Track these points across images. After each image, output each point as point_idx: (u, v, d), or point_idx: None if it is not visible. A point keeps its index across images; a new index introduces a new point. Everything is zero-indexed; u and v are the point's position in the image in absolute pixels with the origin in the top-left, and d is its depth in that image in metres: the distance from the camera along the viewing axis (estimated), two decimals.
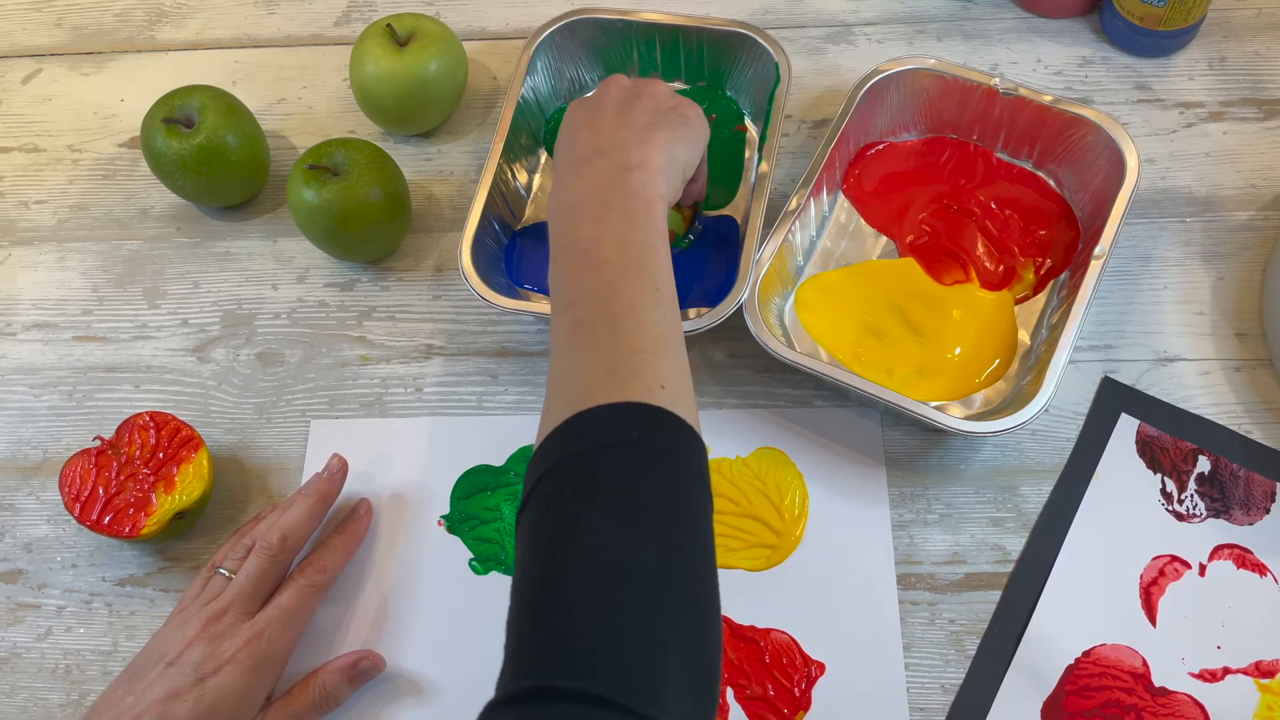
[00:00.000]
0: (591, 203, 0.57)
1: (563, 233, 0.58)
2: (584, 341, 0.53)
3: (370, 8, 0.86)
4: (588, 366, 0.52)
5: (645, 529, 0.48)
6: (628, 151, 0.59)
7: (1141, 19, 0.77)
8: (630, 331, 0.52)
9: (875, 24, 0.83)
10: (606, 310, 0.53)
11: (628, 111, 0.61)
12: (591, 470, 0.49)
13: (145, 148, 0.74)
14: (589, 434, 0.50)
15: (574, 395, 0.51)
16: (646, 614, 0.46)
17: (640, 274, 0.55)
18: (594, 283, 0.54)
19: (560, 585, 0.46)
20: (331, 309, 0.75)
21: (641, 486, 0.49)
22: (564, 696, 0.43)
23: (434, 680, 0.64)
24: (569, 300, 0.55)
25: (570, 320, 0.54)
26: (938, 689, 0.62)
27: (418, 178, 0.79)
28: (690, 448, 0.51)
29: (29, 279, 0.77)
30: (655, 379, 0.51)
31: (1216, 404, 0.69)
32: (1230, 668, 0.62)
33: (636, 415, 0.50)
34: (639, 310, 0.53)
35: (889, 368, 0.69)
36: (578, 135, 0.61)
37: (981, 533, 0.66)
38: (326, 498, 0.65)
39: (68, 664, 0.66)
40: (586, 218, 0.57)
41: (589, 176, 0.58)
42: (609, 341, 0.52)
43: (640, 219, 0.56)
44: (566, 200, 0.59)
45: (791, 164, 0.77)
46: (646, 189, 0.58)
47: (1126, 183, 0.68)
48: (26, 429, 0.72)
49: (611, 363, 0.52)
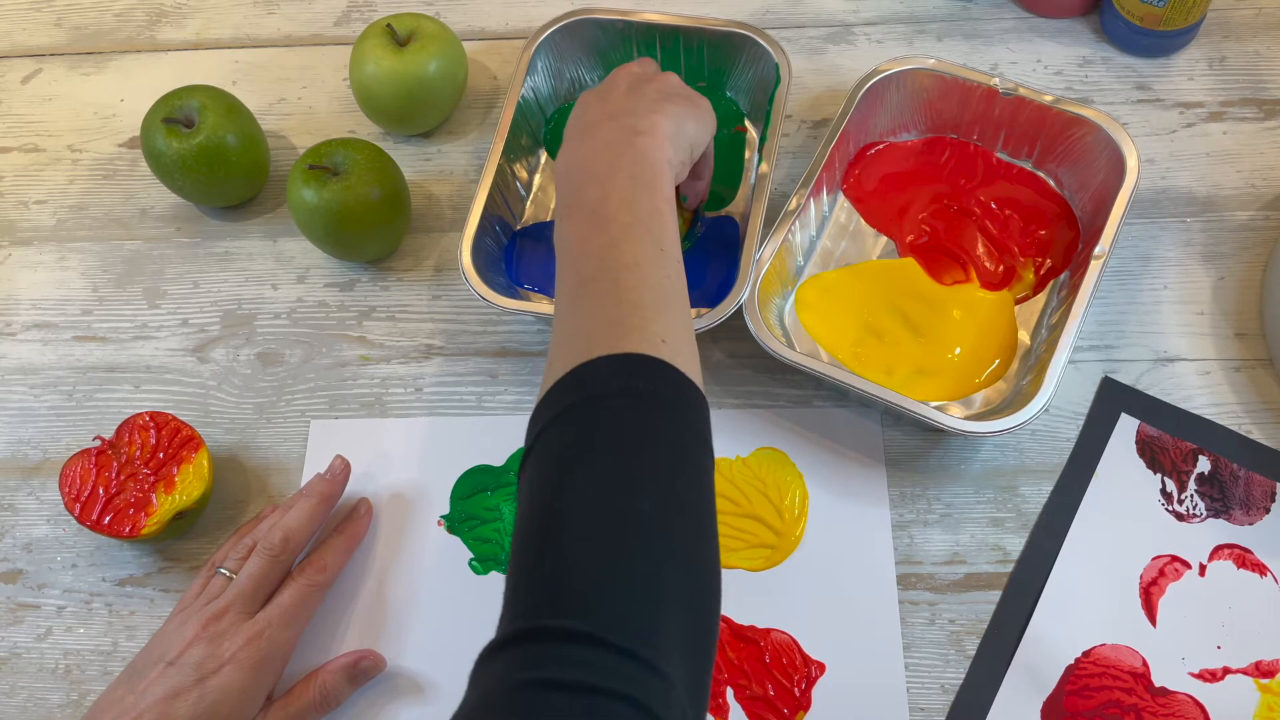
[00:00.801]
0: (600, 163, 0.58)
1: (570, 192, 0.58)
2: (587, 298, 0.53)
3: (370, 8, 0.86)
4: (590, 321, 0.52)
5: (645, 477, 0.48)
6: (638, 117, 0.60)
7: (1141, 19, 0.77)
8: (632, 287, 0.53)
9: (875, 24, 0.83)
10: (609, 268, 0.54)
11: (640, 88, 0.63)
12: (593, 419, 0.49)
13: (145, 148, 0.74)
14: (590, 384, 0.50)
15: (576, 348, 0.51)
16: (643, 559, 0.46)
17: (644, 234, 0.55)
18: (599, 241, 0.55)
19: (558, 530, 0.46)
20: (331, 309, 0.75)
21: (642, 436, 0.49)
22: (559, 636, 0.43)
23: (434, 680, 0.64)
24: (574, 257, 0.56)
25: (574, 277, 0.55)
26: (938, 689, 0.62)
27: (418, 178, 0.79)
28: (691, 399, 0.51)
29: (29, 279, 0.77)
30: (656, 333, 0.51)
31: (1216, 404, 0.69)
32: (1230, 668, 0.62)
33: (637, 366, 0.50)
34: (642, 268, 0.54)
35: (889, 368, 0.69)
36: (589, 107, 0.62)
37: (981, 533, 0.66)
38: (328, 499, 0.65)
39: (68, 664, 0.66)
40: (594, 177, 0.57)
41: (598, 138, 0.59)
42: (611, 297, 0.53)
43: (647, 181, 0.57)
44: (574, 160, 0.59)
45: (791, 164, 0.77)
46: (654, 153, 0.58)
47: (1126, 183, 0.68)
48: (26, 429, 0.72)
49: (613, 317, 0.52)
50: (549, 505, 0.47)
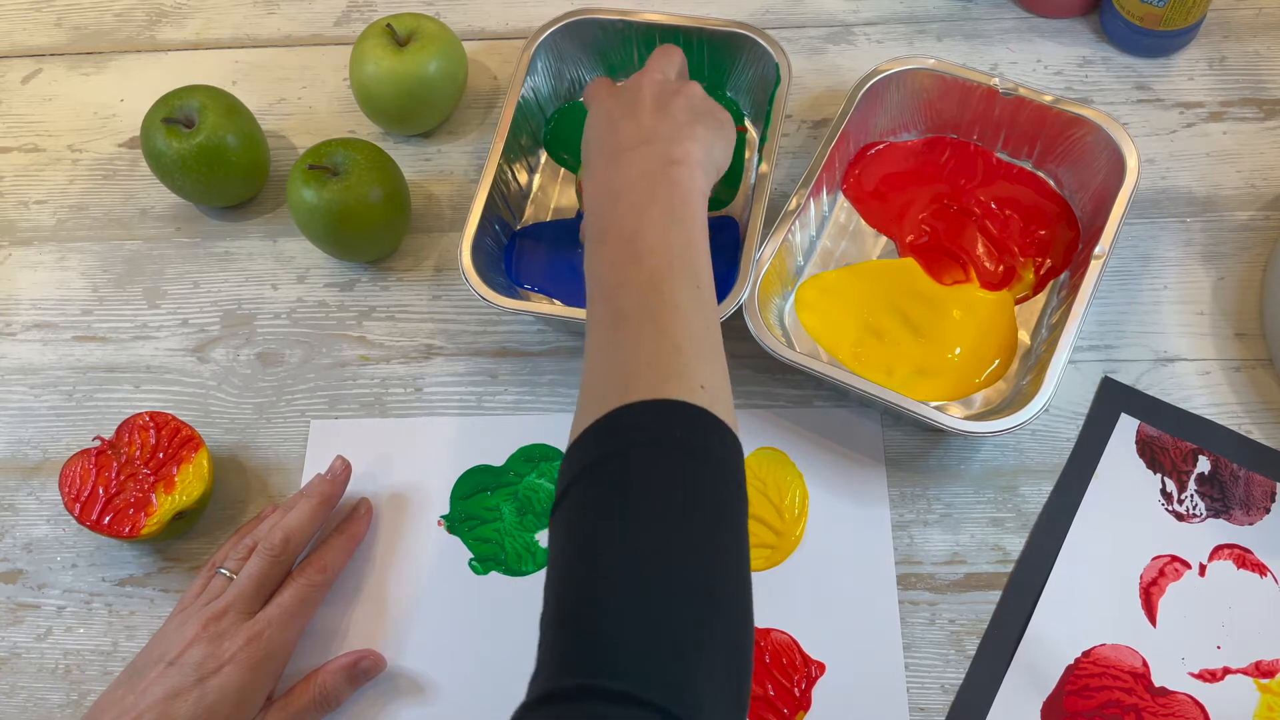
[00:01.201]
0: (635, 192, 0.57)
1: (603, 220, 0.57)
2: (625, 334, 0.53)
3: (370, 8, 0.86)
4: (628, 361, 0.51)
5: (685, 534, 0.47)
6: (671, 144, 0.59)
7: (1141, 19, 0.77)
8: (672, 329, 0.52)
9: (875, 24, 0.83)
10: (648, 305, 0.53)
11: (667, 105, 0.62)
12: (633, 471, 0.48)
13: (145, 148, 0.74)
14: (628, 431, 0.49)
15: (613, 389, 0.51)
16: (683, 618, 0.45)
17: (682, 270, 0.54)
18: (636, 275, 0.54)
19: (597, 587, 0.46)
20: (331, 309, 0.75)
21: (682, 489, 0.48)
22: (600, 696, 0.43)
23: (434, 680, 0.64)
24: (609, 289, 0.55)
25: (611, 311, 0.54)
26: (938, 689, 0.62)
27: (418, 178, 0.79)
28: (729, 450, 0.50)
29: (29, 279, 0.77)
30: (696, 379, 0.51)
31: (1216, 404, 0.69)
32: (1230, 668, 0.62)
33: (677, 414, 0.49)
34: (681, 308, 0.53)
35: (889, 368, 0.69)
36: (617, 125, 0.61)
37: (981, 533, 0.66)
38: (329, 500, 0.65)
39: (68, 664, 0.66)
40: (630, 207, 0.57)
41: (632, 165, 0.58)
42: (650, 337, 0.52)
43: (682, 214, 0.56)
44: (608, 186, 0.58)
45: (791, 164, 0.77)
46: (689, 184, 0.58)
47: (1126, 183, 0.68)
48: (26, 429, 0.72)
49: (653, 359, 0.51)
50: (588, 560, 0.47)
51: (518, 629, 0.65)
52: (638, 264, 0.54)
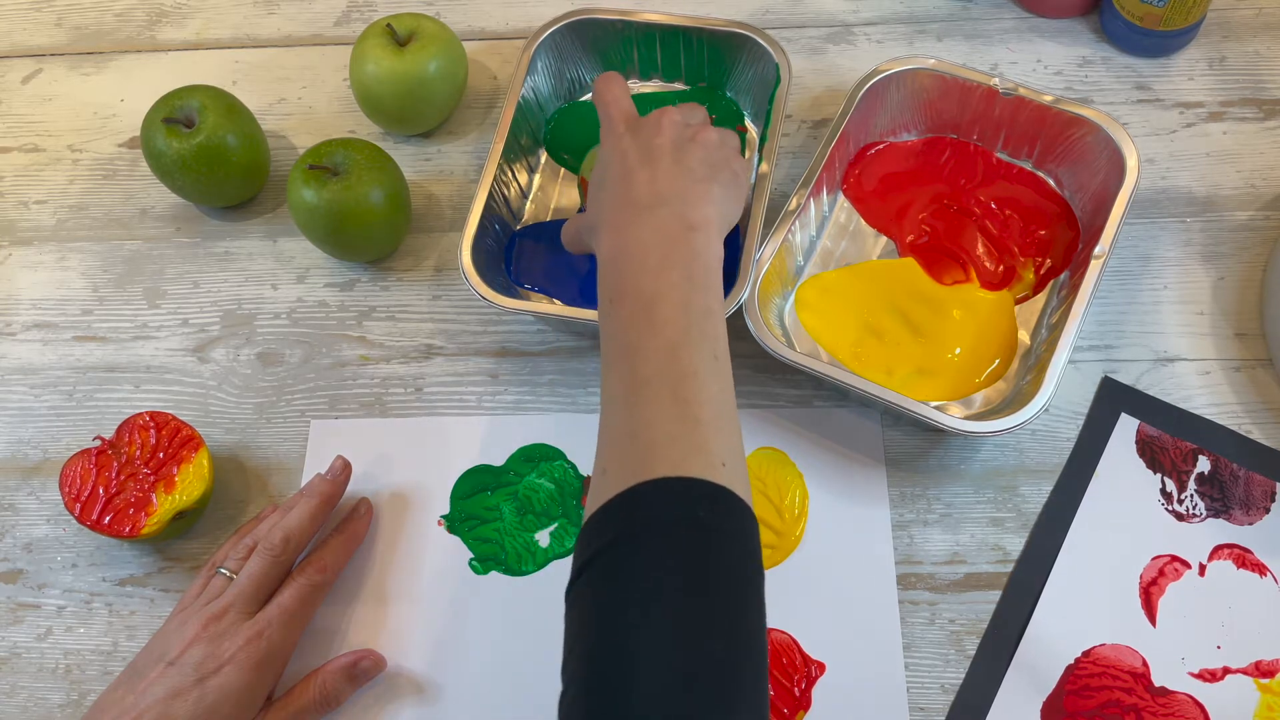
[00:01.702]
0: (653, 255, 0.57)
1: (619, 278, 0.57)
2: (645, 403, 0.52)
3: (370, 8, 0.86)
4: (649, 431, 0.51)
5: (713, 616, 0.47)
6: (689, 206, 0.58)
7: (1141, 19, 0.77)
8: (692, 401, 0.52)
9: (875, 24, 0.83)
10: (668, 374, 0.53)
11: (684, 158, 0.61)
12: (659, 550, 0.48)
13: (145, 148, 0.74)
14: (654, 508, 0.49)
15: (635, 462, 0.50)
16: (710, 700, 0.45)
17: (701, 340, 0.54)
18: (655, 342, 0.54)
19: (623, 673, 0.46)
20: (331, 309, 0.75)
21: (709, 572, 0.48)
22: None
23: (434, 680, 0.64)
24: (627, 352, 0.54)
25: (630, 376, 0.53)
26: (938, 689, 0.62)
27: (418, 178, 0.79)
28: (750, 530, 0.50)
29: (29, 279, 0.77)
30: (717, 455, 0.51)
31: (1216, 404, 0.69)
32: (1230, 667, 0.62)
33: (701, 494, 0.49)
34: (701, 379, 0.53)
35: (889, 368, 0.69)
36: (634, 175, 0.60)
37: (981, 533, 0.66)
38: (330, 500, 0.65)
39: (68, 664, 0.66)
40: (647, 270, 0.56)
41: (650, 226, 0.58)
42: (671, 409, 0.52)
43: (701, 281, 0.56)
44: (625, 247, 0.58)
45: (791, 164, 0.77)
46: (707, 251, 0.57)
47: (1126, 183, 0.68)
48: (26, 429, 0.72)
49: (673, 431, 0.51)
50: (615, 640, 0.47)
51: (518, 629, 0.65)
52: (655, 330, 0.54)
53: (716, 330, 0.56)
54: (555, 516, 0.68)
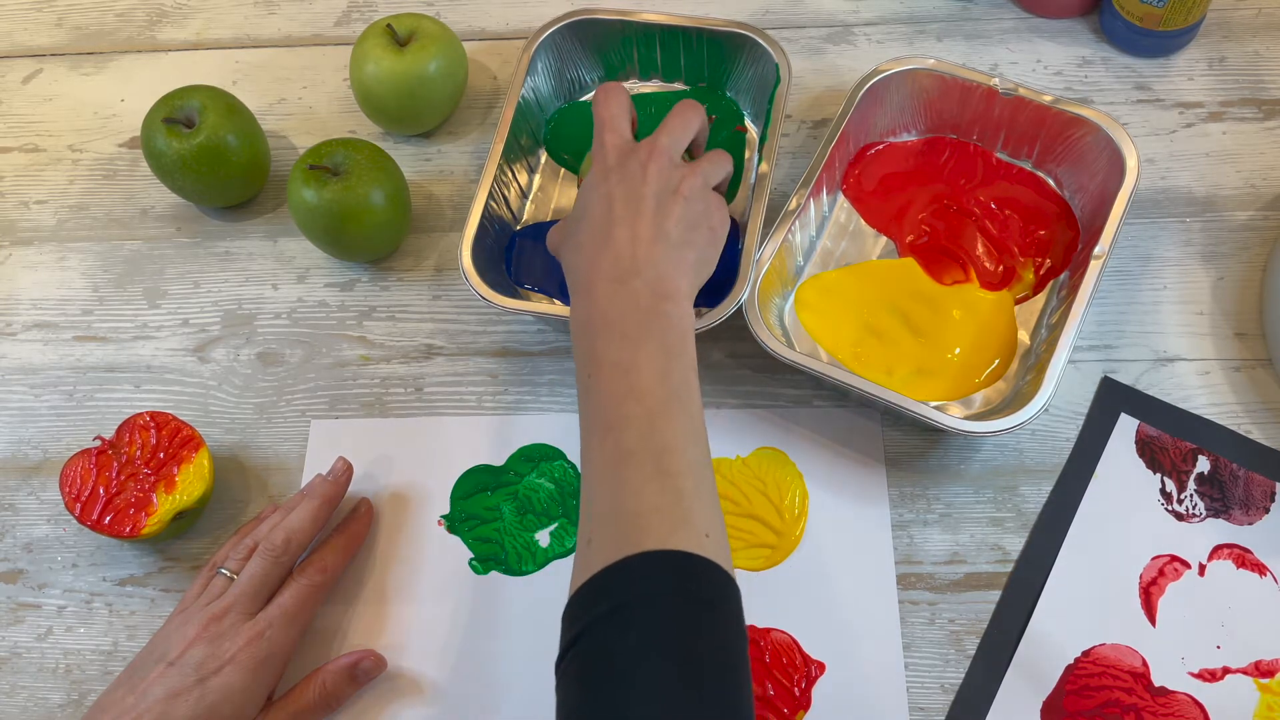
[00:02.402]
0: (627, 324, 0.57)
1: (594, 345, 0.57)
2: (629, 474, 0.53)
3: (370, 8, 0.86)
4: (635, 504, 0.52)
5: (704, 688, 0.48)
6: (663, 279, 0.59)
7: (1141, 19, 0.77)
8: (674, 472, 0.53)
9: (875, 24, 0.83)
10: (650, 446, 0.53)
11: (665, 218, 0.61)
12: (651, 623, 0.49)
13: (145, 148, 0.74)
14: (641, 582, 0.50)
15: (621, 534, 0.51)
16: None
17: (680, 410, 0.55)
18: (635, 411, 0.54)
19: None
20: (331, 309, 0.75)
21: (700, 644, 0.49)
22: None
23: (434, 680, 0.64)
24: (608, 423, 0.55)
25: (612, 446, 0.54)
26: (938, 689, 0.62)
27: (418, 178, 0.79)
28: (736, 601, 0.51)
29: (29, 279, 0.77)
30: (700, 527, 0.52)
31: (1216, 404, 0.69)
32: (1230, 667, 0.62)
33: (689, 567, 0.50)
34: (683, 449, 0.54)
35: (889, 368, 0.69)
36: (613, 232, 0.60)
37: (981, 533, 0.66)
38: (331, 500, 0.65)
39: (68, 664, 0.66)
40: (622, 339, 0.57)
41: (623, 299, 0.58)
42: (655, 480, 0.52)
43: (677, 350, 0.57)
44: (598, 316, 0.58)
45: (791, 164, 0.77)
46: (681, 320, 0.58)
47: (1126, 183, 0.68)
48: (27, 429, 0.72)
49: (658, 503, 0.52)
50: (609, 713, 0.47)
51: (518, 629, 0.65)
52: (635, 400, 0.55)
53: (693, 397, 0.57)
54: (555, 516, 0.68)
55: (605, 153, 0.64)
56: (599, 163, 0.64)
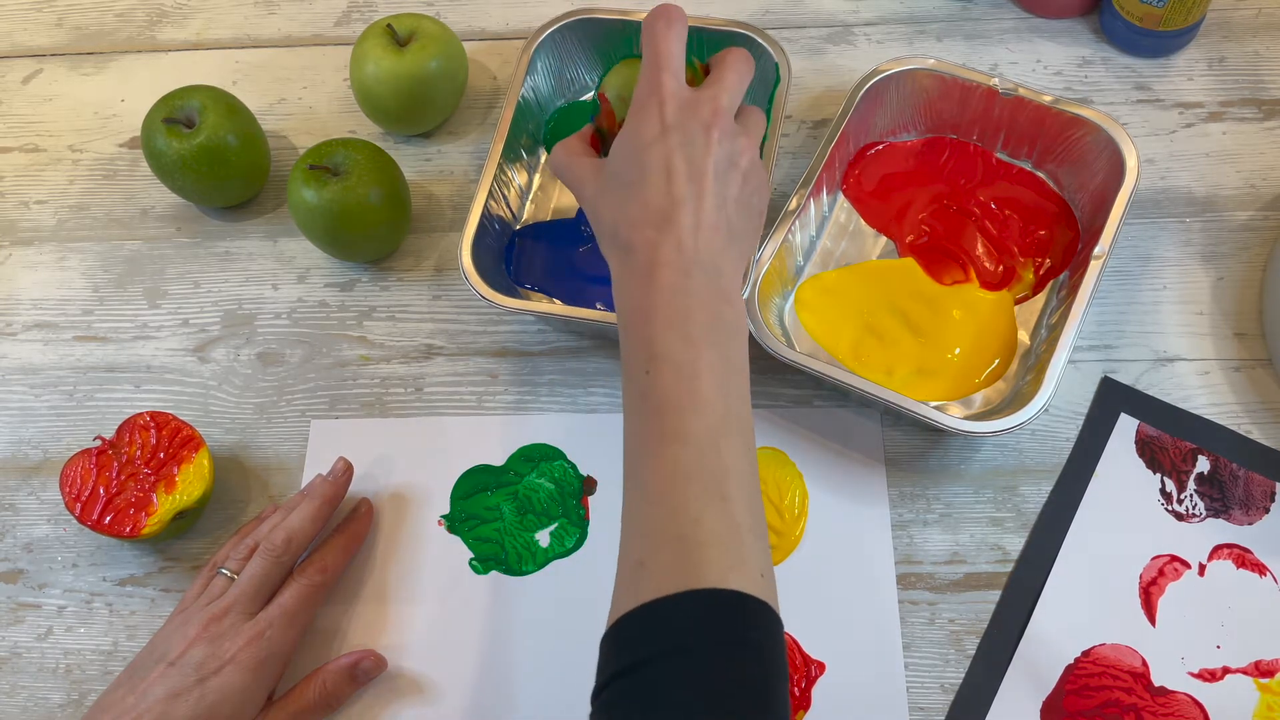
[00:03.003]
0: (691, 325, 0.53)
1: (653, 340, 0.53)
2: (688, 497, 0.50)
3: (370, 8, 0.86)
4: (693, 531, 0.49)
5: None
6: (721, 275, 0.54)
7: (1141, 19, 0.77)
8: (733, 499, 0.50)
9: (875, 24, 0.83)
10: (711, 468, 0.50)
11: (724, 204, 0.56)
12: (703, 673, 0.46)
13: (146, 148, 0.74)
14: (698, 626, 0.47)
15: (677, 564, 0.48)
16: None
17: (738, 429, 0.52)
18: (696, 427, 0.51)
19: None
20: (331, 309, 0.75)
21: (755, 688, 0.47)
22: None
23: (434, 680, 0.64)
24: (667, 433, 0.51)
25: (671, 461, 0.51)
26: (937, 689, 0.62)
27: (418, 178, 0.79)
28: (783, 644, 0.50)
29: (29, 279, 0.77)
30: (756, 565, 0.49)
31: (1216, 404, 0.69)
32: (1230, 667, 0.62)
33: (745, 611, 0.48)
34: (740, 474, 0.51)
35: (889, 368, 0.69)
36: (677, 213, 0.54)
37: (981, 533, 0.66)
38: (331, 501, 0.65)
39: (68, 664, 0.66)
40: (685, 340, 0.53)
41: (687, 294, 0.53)
42: (714, 507, 0.50)
43: (736, 363, 0.54)
44: (662, 306, 0.53)
45: (791, 164, 0.77)
46: (739, 324, 0.55)
47: (1126, 183, 0.68)
48: (27, 429, 0.72)
49: (718, 534, 0.49)
50: None
51: (518, 629, 0.65)
52: (697, 413, 0.51)
53: (748, 416, 0.54)
54: (555, 516, 0.68)
55: (663, 101, 0.57)
56: (653, 112, 0.56)
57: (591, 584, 0.65)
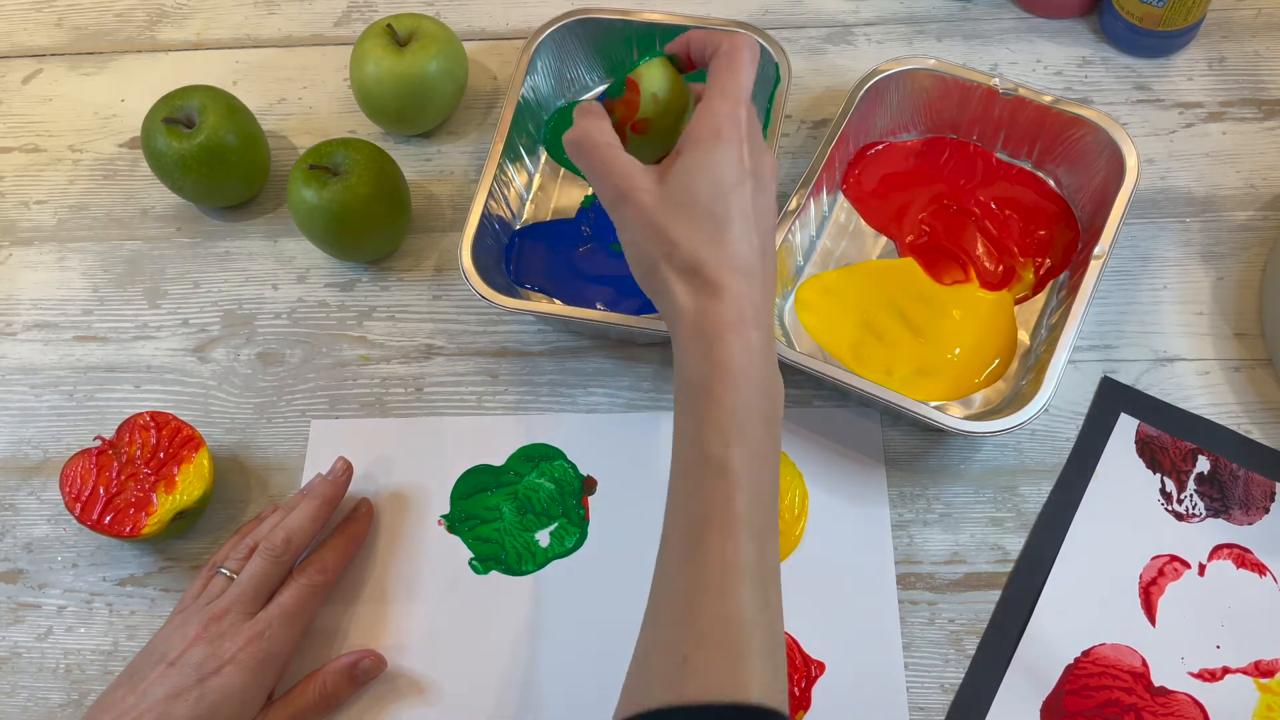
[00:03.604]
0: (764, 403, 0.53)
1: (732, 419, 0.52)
2: (740, 598, 0.50)
3: (370, 8, 0.86)
4: (739, 637, 0.49)
5: None
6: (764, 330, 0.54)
7: (1141, 19, 0.77)
8: (774, 607, 0.51)
9: (875, 24, 0.83)
10: (759, 569, 0.50)
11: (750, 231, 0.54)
12: None
13: (146, 148, 0.74)
14: None
15: (724, 671, 0.48)
16: None
17: (775, 524, 0.53)
18: (754, 520, 0.51)
19: None
20: (331, 309, 0.75)
21: None
22: None
23: (434, 680, 0.64)
24: (731, 519, 0.50)
25: (732, 553, 0.50)
26: (937, 689, 0.63)
27: (418, 178, 0.79)
28: None
29: (29, 279, 0.77)
30: (782, 677, 0.50)
31: (1216, 404, 0.69)
32: (1230, 667, 0.62)
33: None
34: (776, 577, 0.52)
35: (889, 368, 0.69)
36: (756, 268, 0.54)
37: (981, 532, 0.66)
38: (331, 501, 0.65)
39: (68, 664, 0.66)
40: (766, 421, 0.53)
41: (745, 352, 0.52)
42: (759, 614, 0.50)
43: (773, 463, 0.54)
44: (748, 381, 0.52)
45: (791, 164, 0.78)
46: (778, 409, 0.55)
47: (1126, 183, 0.68)
48: (27, 429, 0.72)
49: (762, 643, 0.49)
50: None
51: (518, 629, 0.65)
52: (754, 505, 0.51)
53: (775, 511, 0.54)
54: (555, 516, 0.68)
55: (743, 140, 0.55)
56: (734, 149, 0.55)
57: (591, 584, 0.65)
